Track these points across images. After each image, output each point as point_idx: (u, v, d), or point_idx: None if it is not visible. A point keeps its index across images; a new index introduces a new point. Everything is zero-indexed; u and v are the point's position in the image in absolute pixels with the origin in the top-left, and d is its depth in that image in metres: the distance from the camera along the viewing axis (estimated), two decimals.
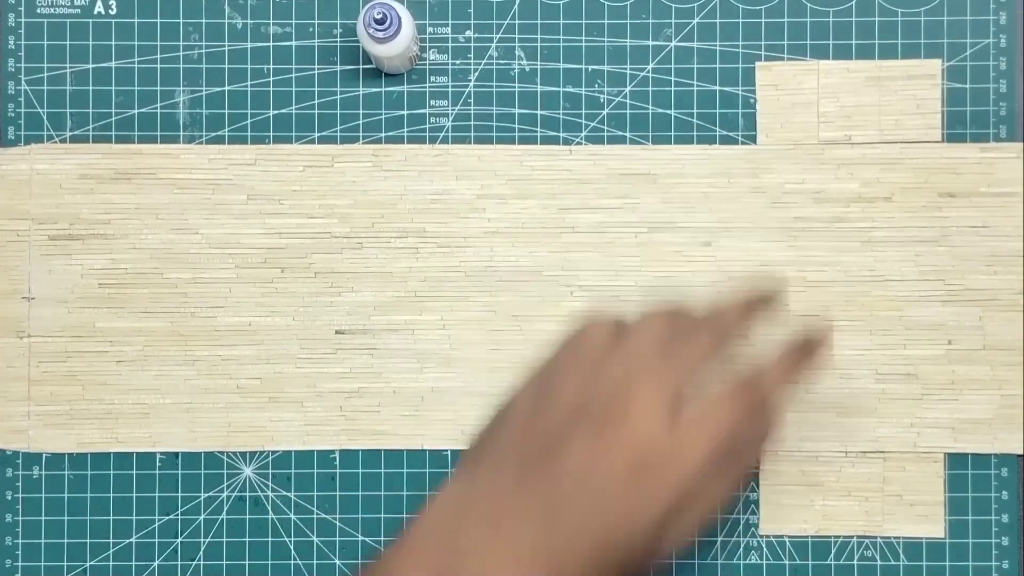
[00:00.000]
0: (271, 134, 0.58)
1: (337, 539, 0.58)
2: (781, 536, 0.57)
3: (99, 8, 0.58)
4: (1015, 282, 0.57)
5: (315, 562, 0.58)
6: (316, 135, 0.58)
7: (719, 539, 0.57)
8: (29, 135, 0.58)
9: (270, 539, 0.58)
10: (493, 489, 0.47)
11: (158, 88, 0.58)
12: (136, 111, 0.58)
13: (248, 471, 0.58)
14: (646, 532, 0.46)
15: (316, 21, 0.58)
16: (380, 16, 0.52)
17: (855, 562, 0.57)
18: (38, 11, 0.58)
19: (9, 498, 0.58)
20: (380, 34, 0.53)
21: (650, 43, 0.58)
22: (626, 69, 0.58)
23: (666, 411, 0.46)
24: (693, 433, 0.46)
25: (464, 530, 0.46)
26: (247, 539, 0.58)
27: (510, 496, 0.47)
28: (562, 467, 0.46)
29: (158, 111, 0.58)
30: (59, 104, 0.58)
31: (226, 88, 0.58)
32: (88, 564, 0.58)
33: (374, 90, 0.58)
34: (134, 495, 0.58)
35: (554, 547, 0.46)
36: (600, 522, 0.46)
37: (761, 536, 0.57)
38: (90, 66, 0.58)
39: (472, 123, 0.58)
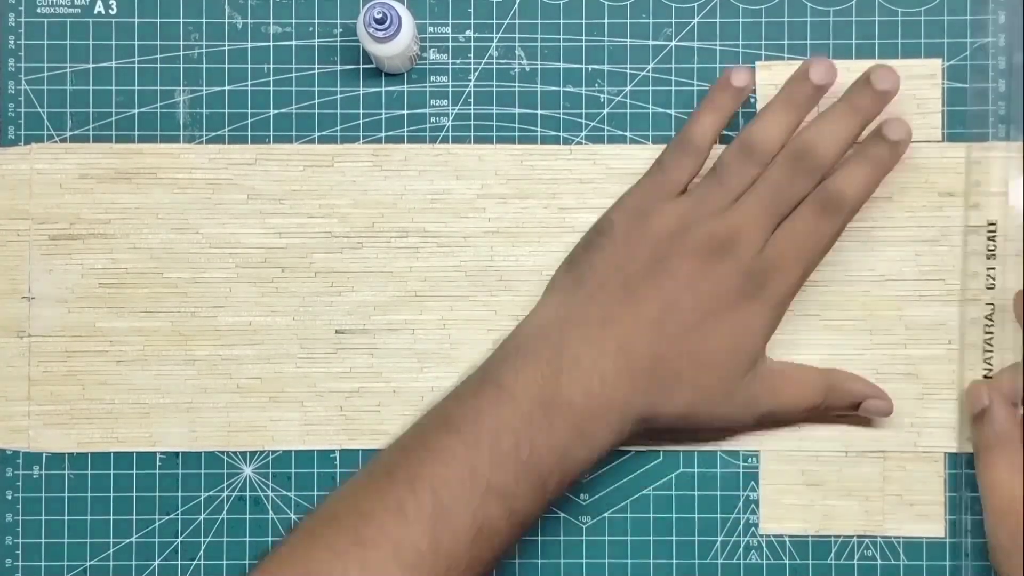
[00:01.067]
0: (271, 134, 0.58)
1: None
2: (781, 536, 0.57)
3: (99, 8, 0.58)
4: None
5: None
6: (316, 135, 0.58)
7: (719, 539, 0.57)
8: (29, 135, 0.58)
9: (270, 539, 0.58)
10: (598, 300, 0.51)
11: (158, 88, 0.58)
12: (136, 111, 0.58)
13: (248, 471, 0.58)
14: (755, 336, 0.52)
15: (316, 21, 0.58)
16: (380, 16, 0.52)
17: (855, 562, 0.57)
18: (38, 11, 0.58)
19: (9, 498, 0.58)
20: (380, 34, 0.53)
21: (650, 43, 0.58)
22: (626, 69, 0.58)
23: (766, 231, 0.51)
24: (791, 249, 0.51)
25: (571, 330, 0.51)
26: (247, 539, 0.58)
27: (618, 305, 0.51)
28: (670, 283, 0.51)
29: (158, 111, 0.58)
30: (59, 104, 0.58)
31: (226, 88, 0.58)
32: (88, 564, 0.58)
33: (374, 90, 0.58)
34: (134, 495, 0.58)
35: (661, 352, 0.50)
36: (708, 330, 0.51)
37: (761, 536, 0.57)
38: (90, 66, 0.58)
39: (472, 123, 0.58)
